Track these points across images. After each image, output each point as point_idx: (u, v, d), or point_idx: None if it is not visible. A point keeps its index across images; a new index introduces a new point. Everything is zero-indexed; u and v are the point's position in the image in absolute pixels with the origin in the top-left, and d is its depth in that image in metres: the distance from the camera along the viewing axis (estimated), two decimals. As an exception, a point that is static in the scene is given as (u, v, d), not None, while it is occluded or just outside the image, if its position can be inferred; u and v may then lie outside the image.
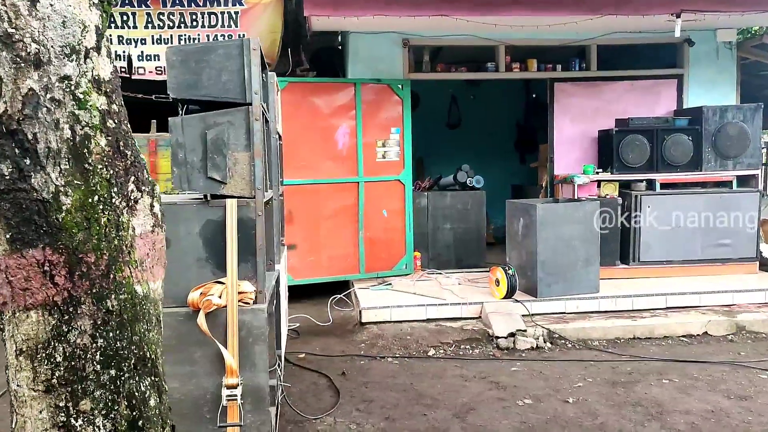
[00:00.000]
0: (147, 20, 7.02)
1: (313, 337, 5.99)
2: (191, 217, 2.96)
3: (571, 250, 6.21)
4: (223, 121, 2.94)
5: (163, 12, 7.03)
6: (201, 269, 2.97)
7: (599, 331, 5.80)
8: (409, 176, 7.32)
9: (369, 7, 5.57)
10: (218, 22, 7.11)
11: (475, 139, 10.90)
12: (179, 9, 7.04)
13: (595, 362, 5.18)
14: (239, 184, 2.97)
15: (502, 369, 5.07)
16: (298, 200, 6.92)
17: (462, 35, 7.14)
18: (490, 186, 9.79)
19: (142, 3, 6.98)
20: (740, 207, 7.00)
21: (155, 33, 7.05)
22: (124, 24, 6.98)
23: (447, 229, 7.67)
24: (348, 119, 7.05)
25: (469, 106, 10.94)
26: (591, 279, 6.30)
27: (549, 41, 7.34)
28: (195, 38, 7.10)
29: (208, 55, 2.92)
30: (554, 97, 7.57)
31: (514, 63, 7.46)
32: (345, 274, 7.17)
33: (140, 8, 6.98)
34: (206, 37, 7.11)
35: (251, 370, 2.94)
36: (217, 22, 7.11)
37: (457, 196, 7.70)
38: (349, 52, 7.31)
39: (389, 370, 5.08)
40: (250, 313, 2.93)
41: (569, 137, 7.61)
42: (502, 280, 6.17)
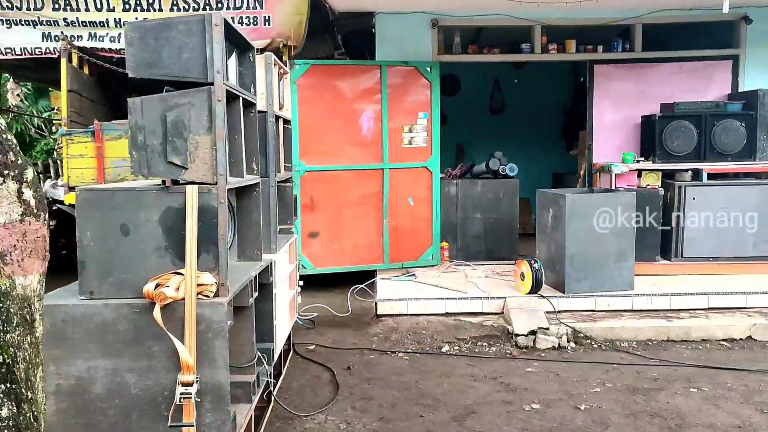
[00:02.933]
0: (172, 3, 6.93)
1: (329, 328, 5.82)
2: (150, 204, 2.80)
3: (602, 244, 5.80)
4: (183, 102, 2.76)
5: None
6: (160, 259, 2.81)
7: (629, 331, 5.39)
8: (437, 163, 7.02)
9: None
10: (243, 4, 6.97)
11: (519, 124, 10.50)
12: (205, -9, 6.94)
13: (619, 365, 4.80)
14: (201, 169, 2.79)
15: (516, 369, 4.76)
16: (321, 187, 6.75)
17: (495, 14, 6.79)
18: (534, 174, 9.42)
19: (167, -15, 6.91)
20: (798, 200, 6.40)
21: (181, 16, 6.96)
22: (149, 6, 6.93)
23: (477, 219, 7.34)
24: (373, 103, 6.81)
25: (513, 90, 10.53)
26: (624, 275, 5.88)
27: (589, 20, 6.88)
28: (220, 21, 6.98)
29: (168, 31, 2.74)
30: (594, 80, 7.10)
31: (551, 44, 7.03)
32: (369, 263, 6.96)
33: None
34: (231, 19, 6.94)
35: (210, 366, 2.77)
36: (242, 4, 6.97)
37: (489, 185, 7.35)
38: (377, 33, 7.05)
39: (397, 366, 4.85)
40: (209, 306, 2.75)
41: (610, 123, 7.14)
42: (527, 274, 5.83)
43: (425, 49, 6.98)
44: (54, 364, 2.76)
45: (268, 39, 6.98)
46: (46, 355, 2.73)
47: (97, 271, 2.81)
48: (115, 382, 2.77)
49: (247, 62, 3.56)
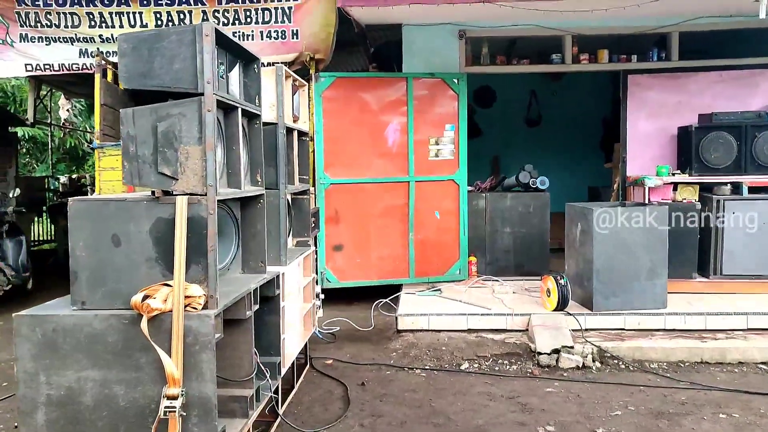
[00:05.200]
0: (203, 18, 7.06)
1: (349, 342, 5.75)
2: (141, 215, 2.79)
3: (633, 260, 5.57)
4: (174, 112, 2.75)
5: (218, 9, 7.05)
6: (151, 270, 2.79)
7: (659, 351, 5.14)
8: (464, 176, 6.89)
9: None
10: (272, 17, 7.05)
11: (556, 137, 10.28)
12: (234, 6, 7.03)
13: (645, 387, 4.57)
14: (191, 180, 2.76)
15: (536, 389, 4.59)
16: (346, 200, 6.71)
17: (524, 25, 6.66)
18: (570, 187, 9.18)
19: (198, 1, 7.04)
20: None
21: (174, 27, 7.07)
22: (181, 22, 7.06)
23: (506, 233, 7.17)
24: (399, 115, 6.74)
25: (550, 102, 10.32)
26: (657, 292, 5.62)
27: (622, 29, 6.68)
28: (249, 35, 7.08)
29: (160, 42, 2.74)
30: (628, 90, 6.88)
31: (582, 54, 6.85)
32: (394, 277, 6.86)
33: (196, 6, 7.04)
34: (260, 33, 7.08)
35: (198, 379, 2.72)
36: (271, 17, 7.05)
37: (519, 198, 7.18)
38: (403, 45, 7.00)
39: (412, 383, 4.74)
40: (196, 318, 2.71)
41: (645, 134, 6.89)
42: (553, 291, 5.64)
43: (452, 61, 6.89)
44: (45, 374, 2.76)
45: (296, 52, 7.04)
46: (37, 365, 2.75)
47: (89, 281, 2.81)
48: (103, 394, 2.76)
49: (252, 74, 3.54)
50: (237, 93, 3.38)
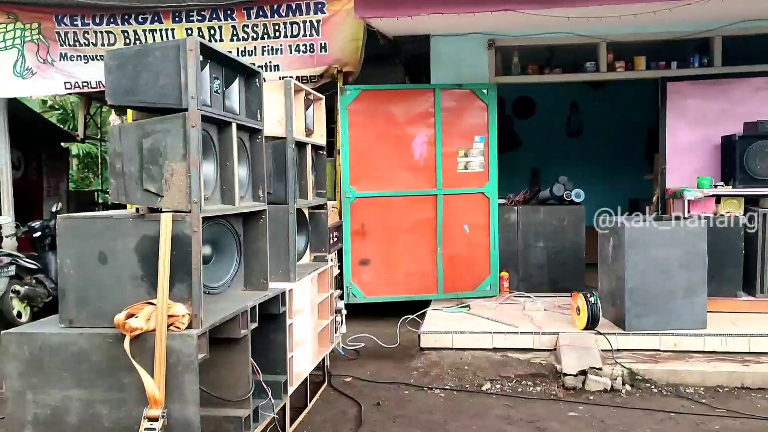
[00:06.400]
0: (232, 33, 7.11)
1: (371, 359, 5.63)
2: (127, 232, 2.75)
3: (668, 278, 5.27)
4: (160, 128, 2.71)
5: (247, 24, 7.09)
6: (136, 288, 2.75)
7: (696, 375, 4.83)
8: (494, 188, 6.70)
9: (423, 5, 5.13)
10: (300, 31, 7.04)
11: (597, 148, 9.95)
12: (263, 20, 7.06)
13: (677, 414, 4.29)
14: (176, 197, 2.71)
15: (557, 413, 4.36)
16: (372, 213, 6.61)
17: (555, 33, 6.44)
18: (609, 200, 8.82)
19: (228, 16, 7.09)
20: None
21: (240, 45, 7.13)
22: (211, 38, 7.14)
23: (540, 248, 6.93)
24: (426, 127, 6.62)
25: (591, 112, 10.00)
26: (695, 312, 5.30)
27: (660, 35, 6.39)
28: (278, 48, 7.09)
29: (145, 58, 2.71)
30: (667, 98, 6.57)
31: (617, 61, 6.58)
32: (422, 293, 6.71)
33: (226, 21, 7.10)
34: (288, 47, 7.08)
35: (180, 401, 2.65)
36: (299, 31, 7.04)
37: (552, 212, 6.93)
38: (431, 56, 6.88)
39: (429, 404, 4.58)
40: (179, 338, 2.65)
41: (685, 145, 6.56)
42: (582, 308, 5.39)
43: (482, 71, 6.73)
44: (32, 392, 2.74)
45: (325, 65, 7.00)
46: (24, 383, 2.74)
47: (76, 299, 2.79)
48: (88, 414, 2.72)
49: (253, 88, 3.49)
50: (236, 108, 3.34)
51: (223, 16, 7.09)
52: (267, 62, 7.12)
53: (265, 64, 7.10)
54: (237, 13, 7.06)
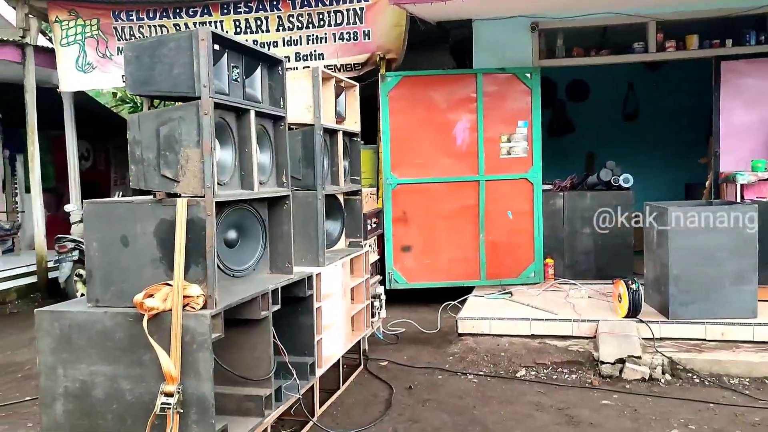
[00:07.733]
0: (278, 23, 7.26)
1: (410, 344, 5.68)
2: (146, 217, 2.88)
3: (715, 264, 5.07)
4: (175, 116, 2.82)
5: (292, 14, 7.21)
6: (155, 270, 2.88)
7: (742, 366, 4.64)
8: (539, 174, 6.59)
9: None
10: (344, 19, 7.11)
11: (654, 131, 9.61)
12: (307, 10, 7.17)
13: (716, 405, 4.14)
14: (191, 182, 2.82)
15: (590, 401, 4.29)
16: (414, 200, 6.63)
17: (602, 13, 6.26)
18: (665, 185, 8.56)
19: (274, 7, 7.24)
20: None
21: (285, 35, 7.27)
22: (258, 29, 7.30)
23: (586, 234, 6.78)
24: (468, 113, 6.57)
25: (649, 94, 9.65)
26: (745, 300, 5.09)
27: (713, 12, 6.10)
28: (322, 37, 7.19)
29: (160, 49, 2.82)
30: (721, 78, 6.28)
31: (668, 41, 6.33)
32: (464, 279, 6.69)
33: (272, 12, 7.25)
34: (332, 35, 7.16)
35: (195, 377, 2.77)
36: (343, 19, 7.12)
37: (599, 197, 6.76)
38: (474, 40, 6.81)
39: (461, 389, 4.59)
40: (193, 318, 2.76)
41: (742, 126, 6.28)
42: (623, 296, 5.26)
43: (525, 55, 6.61)
44: (62, 367, 2.92)
45: (369, 53, 7.06)
46: (55, 358, 2.92)
47: (101, 279, 2.95)
48: (113, 388, 2.88)
49: (276, 76, 3.56)
50: (258, 96, 3.42)
51: (269, 7, 7.24)
52: (312, 51, 7.23)
53: (310, 53, 7.22)
54: (282, 3, 7.20)
